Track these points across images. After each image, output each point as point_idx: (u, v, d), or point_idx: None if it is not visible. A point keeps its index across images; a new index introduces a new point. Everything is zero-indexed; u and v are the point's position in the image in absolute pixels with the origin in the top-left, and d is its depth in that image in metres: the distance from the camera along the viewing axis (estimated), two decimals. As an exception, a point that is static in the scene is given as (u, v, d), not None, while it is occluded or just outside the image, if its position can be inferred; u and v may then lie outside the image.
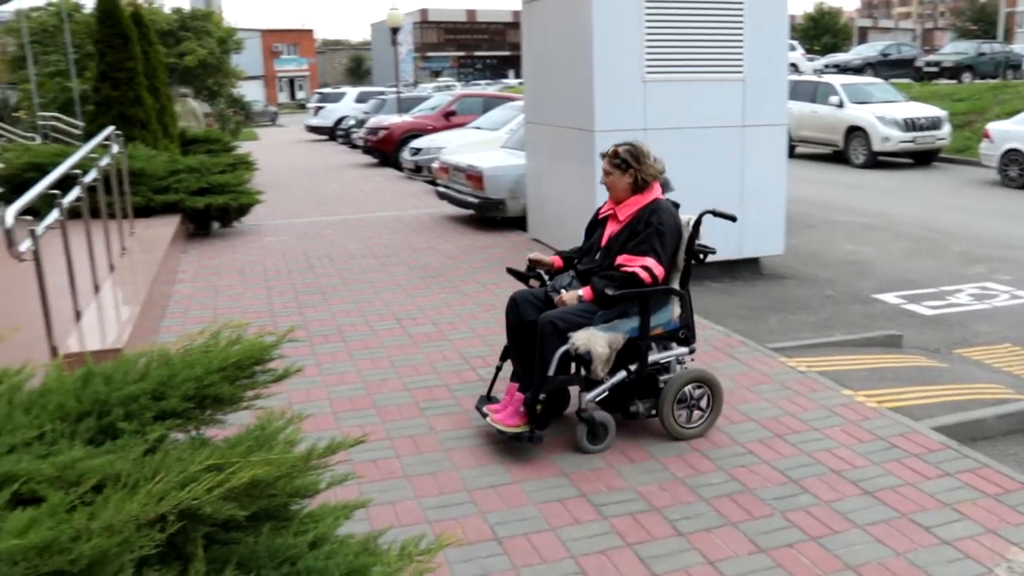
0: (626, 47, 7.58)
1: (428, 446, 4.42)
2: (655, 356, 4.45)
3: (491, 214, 10.72)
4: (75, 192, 6.07)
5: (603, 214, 4.69)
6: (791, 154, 15.85)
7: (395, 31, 28.07)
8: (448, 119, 18.86)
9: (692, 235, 4.46)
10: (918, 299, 7.81)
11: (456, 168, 11.27)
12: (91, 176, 6.77)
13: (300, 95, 72.68)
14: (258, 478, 1.95)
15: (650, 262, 4.28)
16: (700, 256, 4.51)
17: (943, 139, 18.18)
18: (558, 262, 4.76)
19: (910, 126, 17.58)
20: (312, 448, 2.20)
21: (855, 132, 18.11)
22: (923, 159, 18.39)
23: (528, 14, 9.28)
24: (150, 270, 6.99)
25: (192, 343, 2.45)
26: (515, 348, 4.52)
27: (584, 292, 4.34)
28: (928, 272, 8.80)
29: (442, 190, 11.68)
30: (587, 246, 4.70)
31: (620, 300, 4.27)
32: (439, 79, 61.83)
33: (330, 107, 31.29)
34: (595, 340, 4.15)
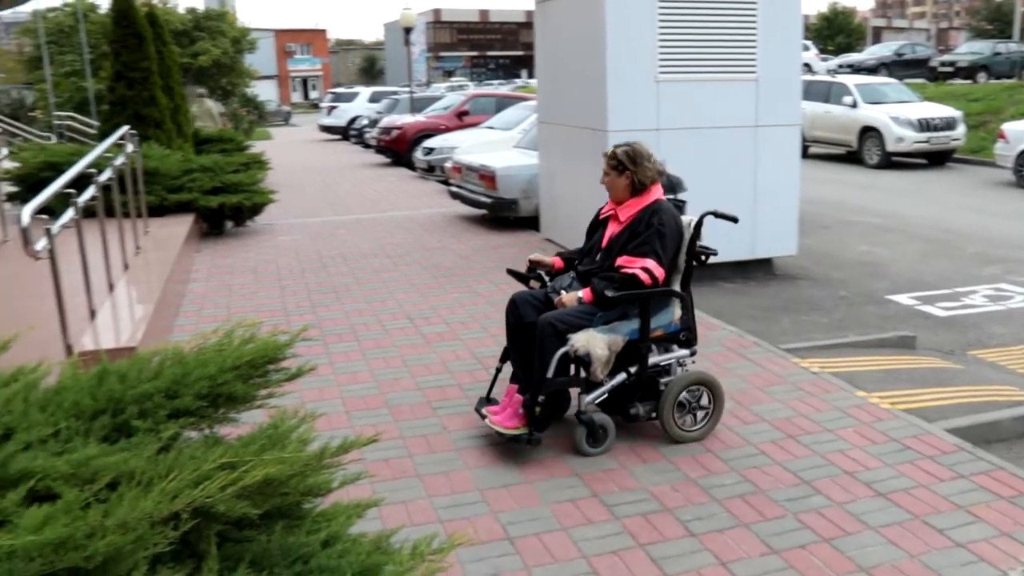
0: (639, 47, 7.57)
1: (440, 445, 4.42)
2: (655, 358, 4.42)
3: (504, 214, 10.73)
4: (90, 191, 6.10)
5: (604, 214, 4.67)
6: (804, 154, 15.81)
7: (408, 31, 28.11)
8: (461, 119, 18.87)
9: (693, 236, 4.43)
10: (932, 300, 7.78)
11: (469, 168, 11.28)
12: (106, 175, 6.81)
13: (313, 95, 72.85)
14: (271, 476, 1.95)
15: (650, 264, 4.25)
16: (702, 258, 4.48)
17: (958, 139, 18.07)
18: (558, 263, 4.73)
19: (924, 126, 17.49)
20: (325, 447, 2.21)
21: (869, 132, 18.02)
22: (937, 160, 18.28)
23: (541, 14, 9.28)
24: (164, 269, 7.02)
25: (206, 342, 2.46)
26: (514, 350, 4.51)
27: (584, 293, 4.31)
28: (942, 273, 8.75)
29: (455, 190, 11.70)
30: (588, 247, 4.67)
31: (620, 302, 4.24)
32: (452, 79, 61.88)
33: (343, 107, 31.33)
34: (594, 342, 4.12)
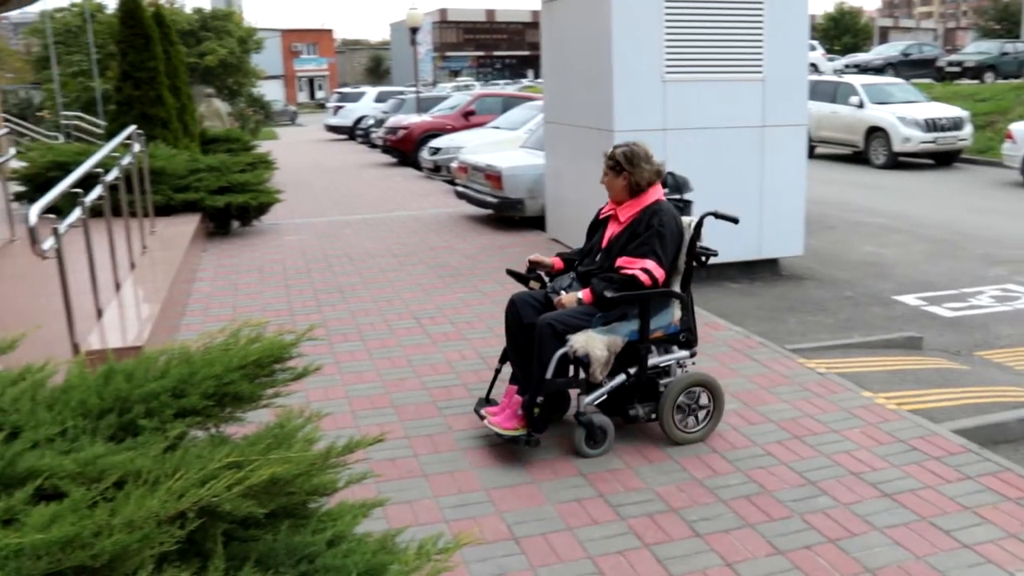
0: (646, 47, 7.56)
1: (446, 445, 4.43)
2: (655, 359, 4.40)
3: (510, 214, 10.73)
4: (97, 191, 6.12)
5: (604, 214, 4.65)
6: (811, 155, 15.79)
7: (414, 31, 28.13)
8: (467, 119, 18.87)
9: (693, 237, 4.40)
10: (938, 301, 7.76)
11: (475, 168, 11.29)
12: (113, 175, 6.82)
13: (319, 95, 72.95)
14: (277, 476, 1.96)
15: (650, 264, 4.22)
16: (702, 259, 4.46)
17: (965, 140, 18.00)
18: (558, 264, 4.71)
19: (931, 127, 17.44)
20: (331, 446, 2.22)
21: (875, 133, 17.98)
22: (944, 160, 18.23)
23: (548, 14, 9.28)
24: (170, 268, 7.03)
25: (212, 341, 2.47)
26: (514, 350, 4.49)
27: (583, 294, 4.29)
28: (949, 274, 8.73)
29: (461, 190, 11.70)
30: (588, 247, 4.65)
31: (619, 303, 4.22)
32: (458, 79, 61.90)
33: (349, 107, 31.36)
34: (593, 343, 4.11)
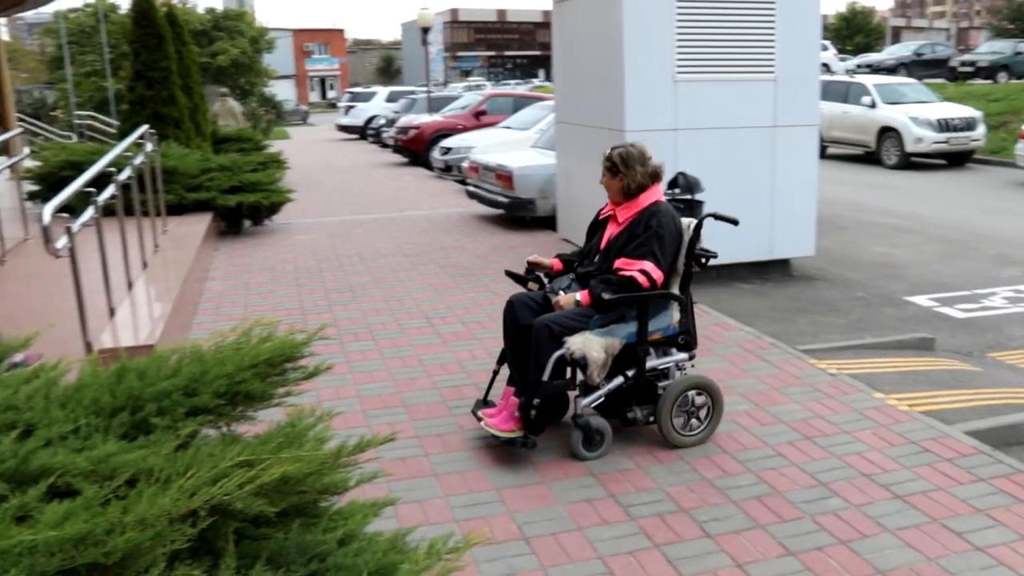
0: (657, 47, 7.55)
1: (456, 445, 4.43)
2: (653, 362, 4.37)
3: (521, 214, 10.73)
4: (110, 190, 6.14)
5: (603, 215, 4.63)
6: (822, 155, 15.74)
7: (425, 31, 28.18)
8: (478, 118, 18.89)
9: (693, 239, 4.36)
10: (951, 302, 7.72)
11: (486, 167, 11.29)
12: (125, 174, 6.85)
13: (331, 94, 73.10)
14: (288, 475, 1.96)
15: (648, 266, 4.19)
16: (702, 260, 4.44)
17: (977, 140, 17.91)
18: (557, 265, 4.69)
19: (944, 127, 17.35)
20: (342, 446, 2.22)
21: (888, 133, 17.90)
22: (957, 160, 18.14)
23: (559, 14, 9.28)
24: (182, 267, 7.06)
25: (224, 340, 2.47)
26: (511, 352, 4.46)
27: (581, 296, 4.26)
28: (961, 275, 8.69)
29: (472, 189, 11.71)
30: (587, 249, 4.63)
31: (617, 304, 4.19)
32: (469, 79, 61.93)
33: (361, 106, 31.42)
34: (591, 345, 4.08)
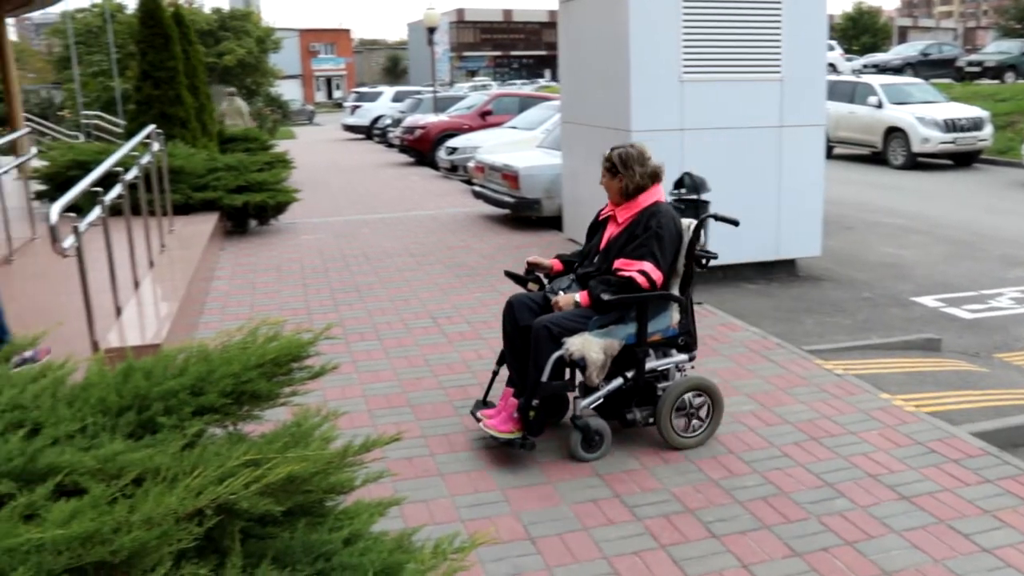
0: (663, 47, 7.54)
1: (462, 445, 4.43)
2: (653, 363, 4.35)
3: (526, 213, 10.73)
4: (116, 190, 6.16)
5: (603, 216, 4.62)
6: (829, 155, 15.68)
7: (431, 31, 28.21)
8: (484, 118, 18.87)
9: (693, 239, 4.35)
10: (958, 302, 7.70)
11: (492, 167, 11.29)
12: (132, 174, 6.87)
13: (337, 94, 73.13)
14: (294, 474, 1.97)
15: (647, 266, 4.18)
16: (702, 261, 4.42)
17: (984, 140, 17.86)
18: (557, 265, 4.68)
19: (950, 127, 17.30)
20: (347, 445, 2.22)
21: (894, 133, 17.85)
22: (964, 161, 18.08)
23: (565, 14, 9.28)
24: (189, 267, 7.07)
25: (230, 339, 2.48)
26: (511, 353, 4.45)
27: (581, 297, 4.24)
28: (968, 275, 8.66)
29: (478, 189, 11.71)
30: (587, 249, 4.62)
31: (616, 305, 4.18)
32: (475, 78, 61.94)
33: (367, 106, 31.41)
34: (589, 346, 4.07)
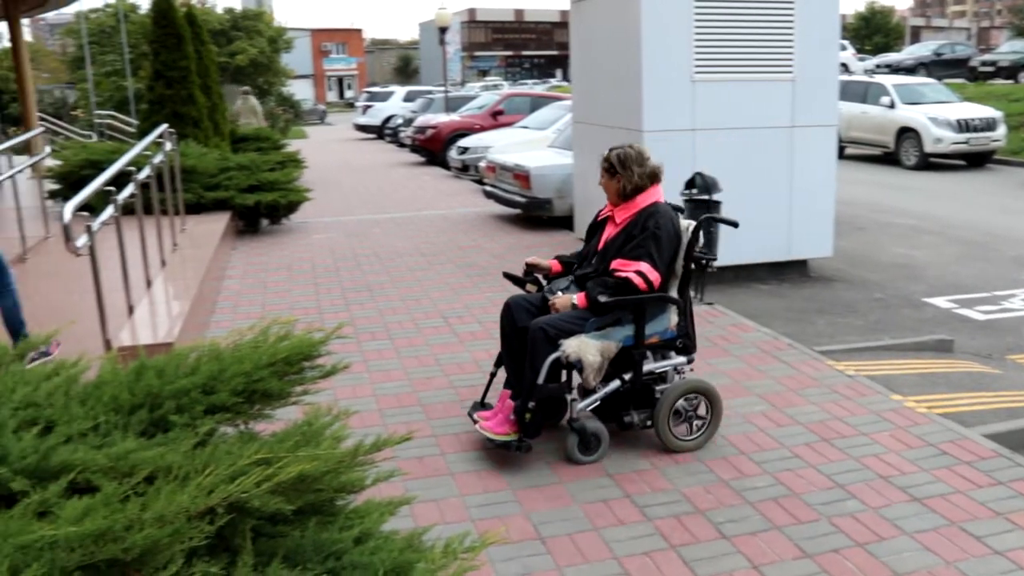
0: (675, 46, 7.53)
1: (473, 444, 4.43)
2: (651, 365, 4.33)
3: (538, 213, 10.73)
4: (129, 189, 6.19)
5: (602, 216, 4.60)
6: (841, 155, 15.64)
7: (443, 30, 28.21)
8: (495, 118, 18.87)
9: (691, 241, 4.32)
10: (970, 304, 7.66)
11: (503, 167, 11.30)
12: (145, 173, 6.90)
13: (349, 94, 73.27)
14: (305, 473, 1.97)
15: (644, 267, 4.16)
16: (702, 263, 4.39)
17: (998, 141, 17.75)
18: (556, 266, 4.66)
19: (963, 127, 17.20)
20: (358, 444, 2.23)
21: (907, 133, 17.76)
22: (977, 161, 17.97)
23: (576, 13, 9.27)
24: (200, 266, 7.10)
25: (242, 338, 2.48)
26: (508, 355, 4.43)
27: (578, 298, 4.22)
28: (981, 276, 8.62)
29: (489, 189, 11.72)
30: (586, 250, 4.60)
31: (613, 307, 4.17)
32: (486, 78, 61.92)
33: (378, 106, 31.46)
34: (586, 348, 4.05)
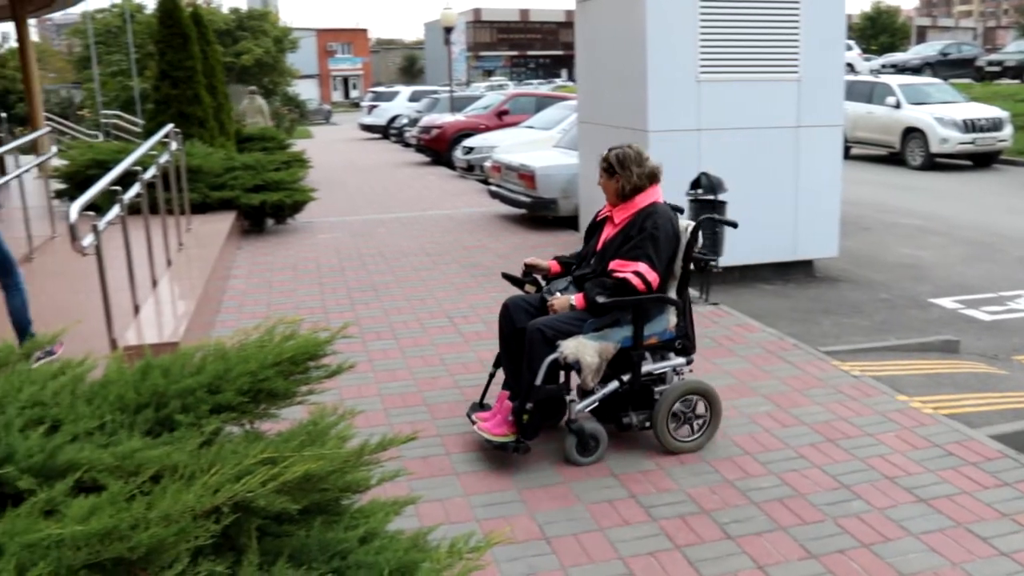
0: (680, 47, 7.53)
1: (478, 444, 4.42)
2: (650, 366, 4.32)
3: (543, 213, 10.73)
4: (135, 188, 6.19)
5: (601, 216, 4.60)
6: (846, 155, 15.61)
7: (448, 30, 28.21)
8: (501, 118, 18.88)
9: (690, 242, 4.30)
10: (976, 304, 7.65)
11: (508, 167, 11.30)
12: (150, 173, 6.90)
13: (354, 94, 73.37)
14: (311, 472, 1.97)
15: (642, 267, 4.15)
16: (702, 264, 4.37)
17: (1004, 141, 17.68)
18: (555, 267, 4.65)
19: (970, 127, 17.15)
20: (364, 444, 2.23)
21: (912, 133, 17.71)
22: (983, 161, 17.92)
23: (582, 13, 9.27)
24: (206, 266, 7.11)
25: (247, 338, 2.49)
26: (506, 356, 4.42)
27: (576, 299, 4.21)
28: (987, 277, 8.60)
29: (494, 189, 11.72)
30: (585, 251, 4.59)
31: (611, 308, 4.16)
32: (492, 78, 61.95)
33: (383, 106, 31.52)
34: (584, 349, 4.04)
